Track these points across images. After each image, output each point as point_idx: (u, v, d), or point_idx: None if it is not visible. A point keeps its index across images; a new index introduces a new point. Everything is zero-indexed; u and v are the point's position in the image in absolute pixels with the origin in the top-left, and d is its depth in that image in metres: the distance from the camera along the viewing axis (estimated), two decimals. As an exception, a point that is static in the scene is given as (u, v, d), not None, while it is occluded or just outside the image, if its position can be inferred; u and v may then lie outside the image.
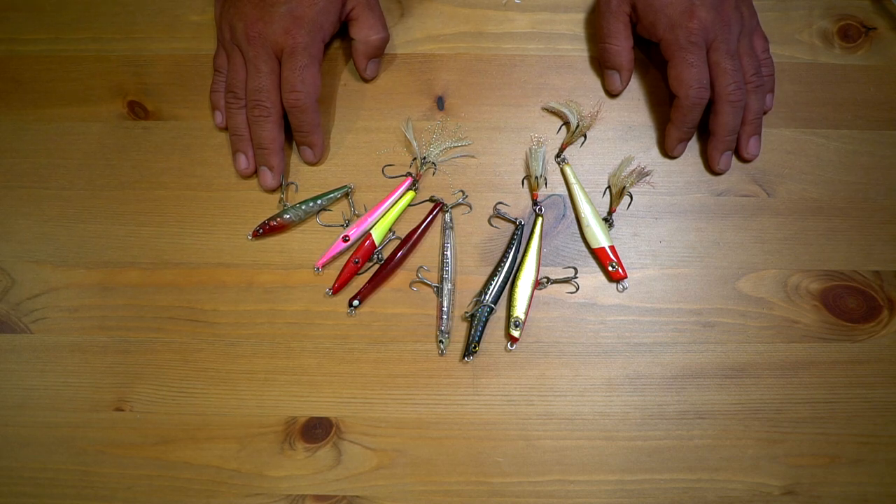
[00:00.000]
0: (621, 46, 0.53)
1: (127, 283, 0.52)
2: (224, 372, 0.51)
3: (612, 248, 0.52)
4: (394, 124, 0.55)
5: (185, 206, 0.54)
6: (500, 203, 0.54)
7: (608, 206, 0.54)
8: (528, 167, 0.54)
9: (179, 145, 0.55)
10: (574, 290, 0.52)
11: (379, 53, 0.55)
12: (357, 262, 0.52)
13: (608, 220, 0.53)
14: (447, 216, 0.53)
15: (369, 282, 0.52)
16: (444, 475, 0.49)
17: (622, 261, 0.52)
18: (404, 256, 0.52)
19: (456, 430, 0.50)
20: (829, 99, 0.56)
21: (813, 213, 0.54)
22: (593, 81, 0.56)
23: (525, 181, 0.54)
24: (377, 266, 0.52)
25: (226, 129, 0.54)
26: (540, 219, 0.53)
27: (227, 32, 0.52)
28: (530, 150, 0.54)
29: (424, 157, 0.54)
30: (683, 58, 0.50)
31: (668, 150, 0.54)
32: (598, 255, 0.52)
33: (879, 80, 0.56)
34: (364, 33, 0.53)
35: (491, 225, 0.54)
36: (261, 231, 0.52)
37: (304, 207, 0.53)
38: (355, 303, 0.51)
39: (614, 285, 0.52)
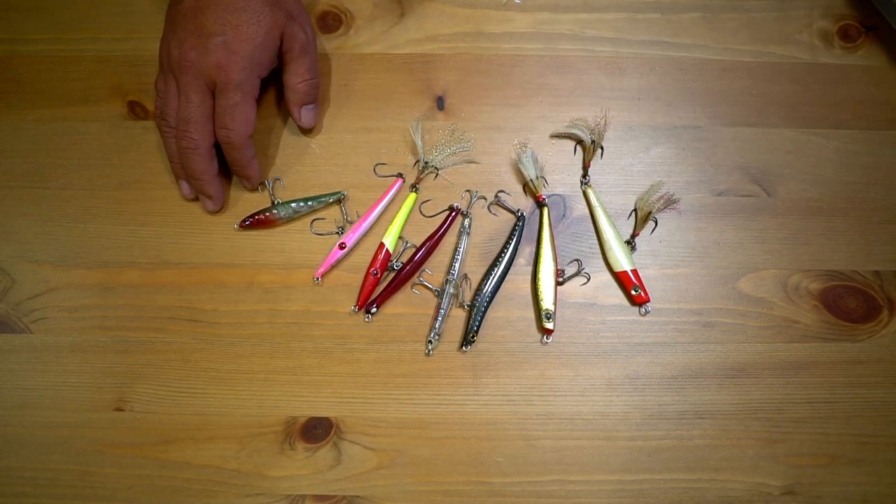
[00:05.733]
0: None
1: (127, 283, 0.52)
2: (224, 372, 0.51)
3: (634, 271, 0.52)
4: (394, 124, 0.55)
5: (186, 206, 0.54)
6: (501, 192, 0.54)
7: (632, 229, 0.53)
8: (523, 174, 0.54)
9: (179, 145, 0.55)
10: (586, 280, 0.52)
11: (311, 100, 0.53)
12: (376, 274, 0.52)
13: (630, 244, 0.53)
14: (466, 221, 0.53)
15: (386, 289, 0.52)
16: (444, 475, 0.49)
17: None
18: (420, 263, 0.52)
19: (456, 430, 0.50)
20: (829, 99, 0.56)
21: (813, 213, 0.54)
22: (593, 81, 0.56)
23: (525, 188, 0.54)
24: (392, 274, 0.52)
25: None
26: (546, 209, 0.53)
27: (165, 57, 0.50)
28: (518, 156, 0.54)
29: (426, 162, 0.54)
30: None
31: None
32: (621, 279, 0.52)
33: (879, 80, 0.56)
34: (292, 80, 0.52)
35: (490, 212, 0.54)
36: (248, 222, 0.53)
37: (293, 206, 0.53)
38: (373, 309, 0.51)
39: (614, 285, 0.52)
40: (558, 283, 0.52)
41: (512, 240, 0.52)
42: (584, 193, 0.54)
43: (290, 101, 0.53)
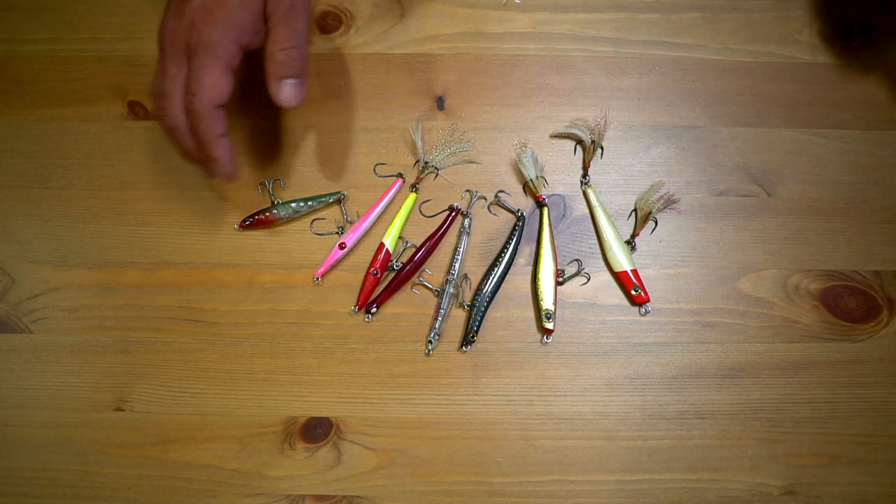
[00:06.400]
0: None
1: (127, 283, 0.52)
2: (224, 372, 0.51)
3: (634, 271, 0.52)
4: (394, 124, 0.55)
5: (186, 206, 0.54)
6: (501, 192, 0.54)
7: (632, 229, 0.53)
8: (523, 174, 0.54)
9: (179, 145, 0.55)
10: (586, 280, 0.52)
11: (293, 73, 0.46)
12: (376, 274, 0.52)
13: (630, 244, 0.53)
14: (466, 221, 0.53)
15: (386, 289, 0.52)
16: (444, 475, 0.49)
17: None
18: (420, 263, 0.52)
19: (456, 430, 0.50)
20: (829, 99, 0.56)
21: (813, 213, 0.54)
22: (593, 81, 0.56)
23: (525, 188, 0.54)
24: (392, 274, 0.52)
25: None
26: (546, 209, 0.53)
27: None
28: (518, 156, 0.54)
29: (426, 162, 0.54)
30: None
31: None
32: (621, 279, 0.52)
33: (879, 80, 0.56)
34: (270, 48, 0.46)
35: (490, 212, 0.54)
36: (248, 222, 0.52)
37: (293, 206, 0.53)
38: (373, 309, 0.51)
39: (614, 285, 0.52)
40: (558, 283, 0.52)
41: (512, 240, 0.52)
42: (584, 193, 0.54)
43: (267, 73, 0.46)
